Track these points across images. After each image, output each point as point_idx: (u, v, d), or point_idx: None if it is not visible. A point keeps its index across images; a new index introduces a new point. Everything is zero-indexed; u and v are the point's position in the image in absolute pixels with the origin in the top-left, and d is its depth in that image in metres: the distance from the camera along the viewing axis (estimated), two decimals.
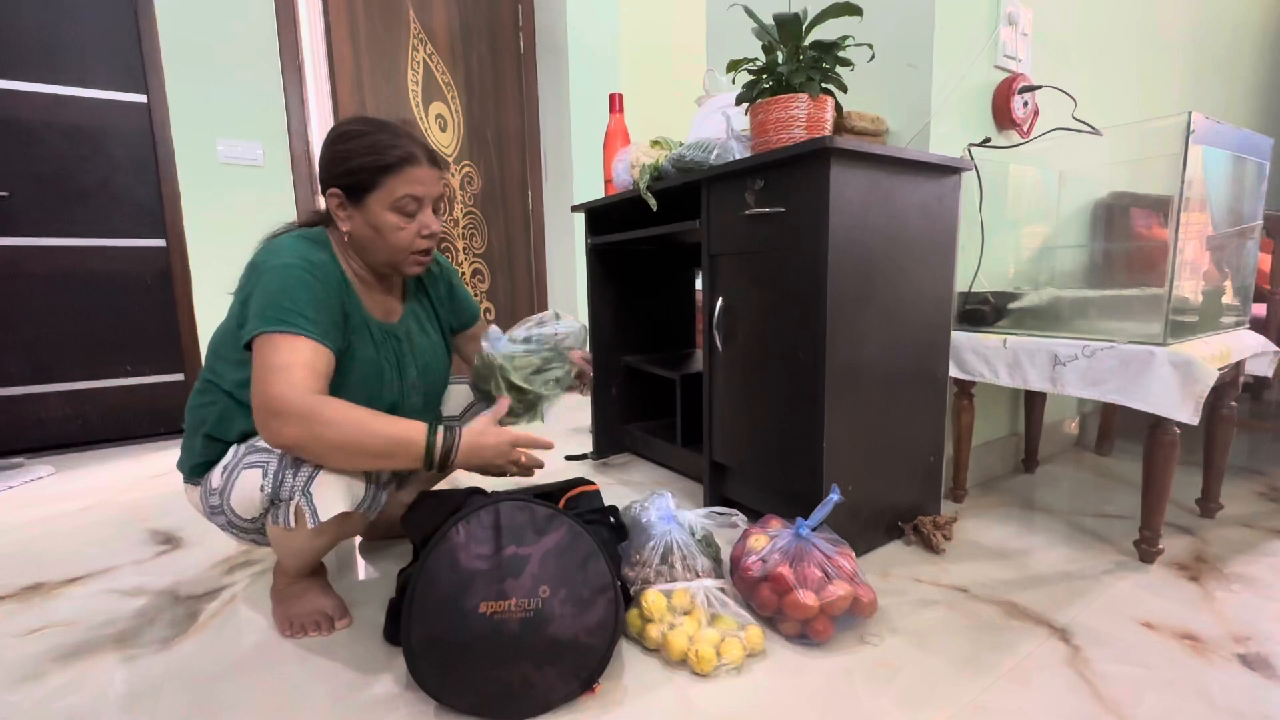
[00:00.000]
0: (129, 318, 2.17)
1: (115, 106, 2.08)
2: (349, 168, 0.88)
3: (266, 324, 0.80)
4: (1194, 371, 0.98)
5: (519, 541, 0.78)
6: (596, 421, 1.82)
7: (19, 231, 1.99)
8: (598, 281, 1.75)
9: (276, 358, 0.79)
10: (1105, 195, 1.43)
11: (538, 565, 0.76)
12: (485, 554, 0.76)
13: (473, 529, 0.78)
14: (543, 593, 0.74)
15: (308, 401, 0.78)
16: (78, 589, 1.11)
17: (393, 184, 0.88)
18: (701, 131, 1.42)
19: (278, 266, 0.83)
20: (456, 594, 0.73)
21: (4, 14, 1.92)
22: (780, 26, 1.08)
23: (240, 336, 0.84)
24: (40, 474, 1.81)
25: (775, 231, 1.09)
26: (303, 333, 0.81)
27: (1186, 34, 1.93)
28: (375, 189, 0.89)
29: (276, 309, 0.81)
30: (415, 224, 0.92)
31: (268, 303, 0.81)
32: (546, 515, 0.81)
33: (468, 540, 0.77)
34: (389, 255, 0.93)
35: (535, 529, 0.79)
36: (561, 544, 0.79)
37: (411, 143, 0.90)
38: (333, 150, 0.90)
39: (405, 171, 0.89)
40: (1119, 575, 1.07)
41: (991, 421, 1.57)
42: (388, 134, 0.89)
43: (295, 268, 0.84)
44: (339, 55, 2.09)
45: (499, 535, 0.78)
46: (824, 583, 0.87)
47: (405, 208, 0.90)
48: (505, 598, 0.74)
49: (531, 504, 0.81)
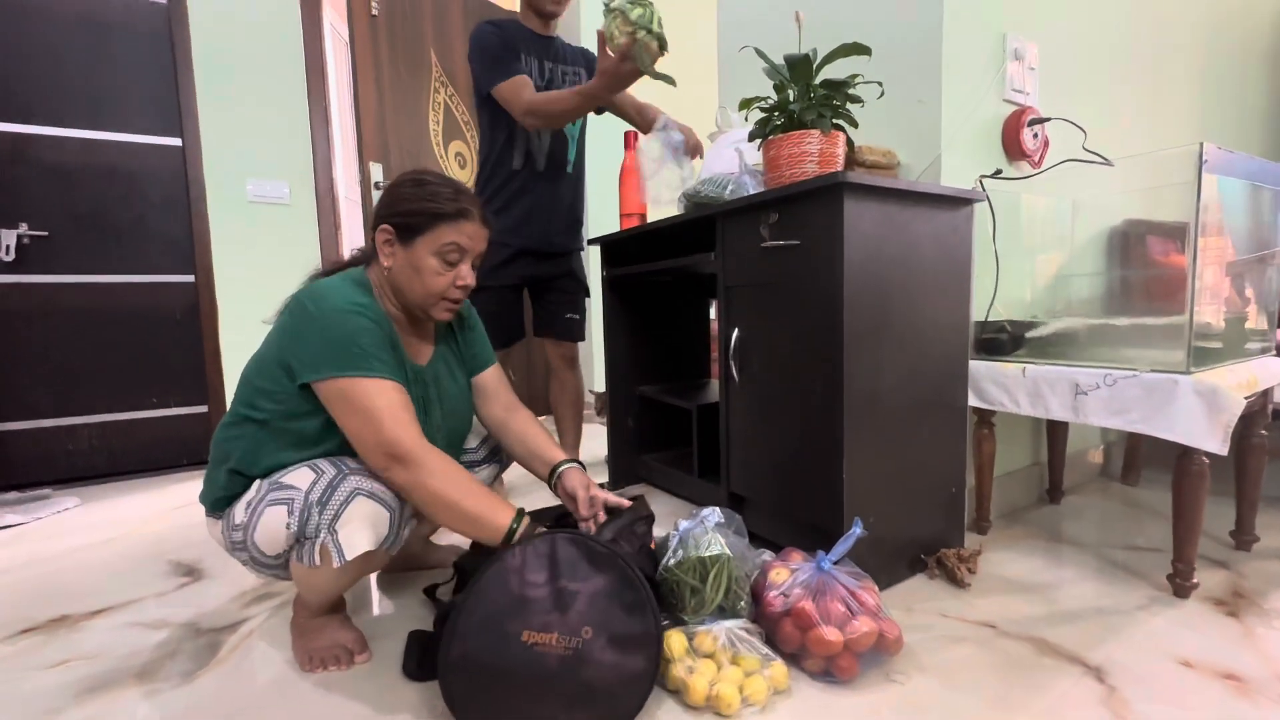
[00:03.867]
0: (157, 351, 2.23)
1: (151, 149, 2.18)
2: (408, 209, 0.93)
3: (343, 369, 0.84)
4: (1220, 400, 0.96)
5: (571, 576, 0.78)
6: (612, 452, 1.82)
7: (57, 269, 2.07)
8: (613, 313, 1.77)
9: (371, 400, 0.83)
10: (1120, 222, 1.43)
11: (585, 604, 0.77)
12: (538, 582, 0.77)
13: (528, 555, 0.79)
14: (585, 634, 0.75)
15: (420, 448, 0.84)
16: (102, 621, 1.12)
17: (443, 231, 0.93)
18: (715, 165, 1.45)
19: (335, 310, 0.86)
20: (502, 616, 0.74)
21: (56, 65, 2.04)
22: (791, 67, 1.11)
23: (296, 373, 0.86)
24: (66, 505, 1.84)
25: (790, 264, 1.11)
26: (382, 375, 0.85)
27: (1194, 63, 1.95)
28: (425, 232, 0.93)
29: (348, 354, 0.84)
30: (453, 273, 0.96)
31: (338, 348, 0.84)
32: (600, 554, 0.81)
33: (522, 565, 0.78)
34: (422, 298, 0.96)
35: (588, 564, 0.80)
36: (612, 587, 0.79)
37: (470, 201, 0.96)
38: (397, 191, 0.95)
39: (458, 223, 0.94)
40: (1153, 611, 1.04)
41: (1014, 451, 1.55)
42: (450, 189, 0.96)
43: (352, 313, 0.87)
44: (364, 97, 2.18)
45: (555, 566, 0.79)
46: (847, 618, 0.85)
47: (448, 256, 0.94)
48: (549, 630, 0.74)
49: (586, 539, 0.82)
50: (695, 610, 0.90)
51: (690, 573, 0.90)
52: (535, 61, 1.57)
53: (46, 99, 2.03)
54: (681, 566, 0.91)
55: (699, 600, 0.89)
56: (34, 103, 2.01)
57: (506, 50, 1.51)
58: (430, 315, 0.99)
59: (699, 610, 0.89)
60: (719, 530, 0.95)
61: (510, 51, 1.51)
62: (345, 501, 0.83)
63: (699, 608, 0.89)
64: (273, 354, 0.91)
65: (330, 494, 0.83)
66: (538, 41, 1.58)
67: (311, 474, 0.85)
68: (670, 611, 0.92)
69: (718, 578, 0.90)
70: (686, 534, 0.95)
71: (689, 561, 0.91)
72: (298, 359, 0.86)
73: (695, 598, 0.90)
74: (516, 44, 1.53)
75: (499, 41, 1.51)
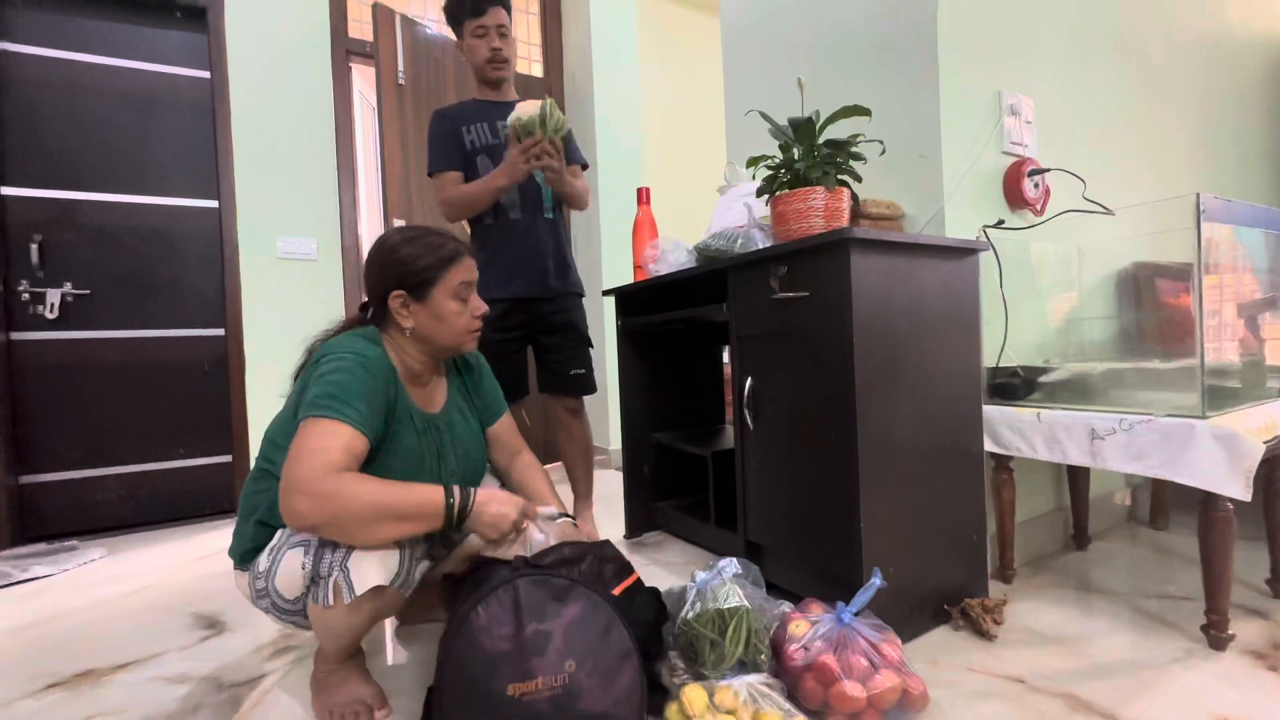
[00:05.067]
0: (185, 402, 2.30)
1: (190, 211, 2.31)
2: (415, 268, 0.99)
3: (314, 410, 0.87)
4: (1239, 445, 0.96)
5: (540, 617, 0.79)
6: (629, 499, 1.82)
7: (95, 325, 2.17)
8: (628, 361, 1.80)
9: (311, 441, 0.84)
10: (1129, 265, 1.45)
11: (561, 640, 0.77)
12: (507, 634, 0.77)
13: (493, 610, 0.79)
14: (569, 667, 0.75)
15: (329, 476, 0.81)
16: (126, 675, 1.13)
17: (452, 273, 1.01)
18: (724, 219, 1.51)
19: (332, 359, 0.92)
20: (484, 678, 0.74)
21: (105, 137, 2.19)
22: (795, 128, 1.17)
23: (295, 424, 0.90)
24: (93, 556, 1.87)
25: (801, 314, 1.14)
26: (345, 420, 0.87)
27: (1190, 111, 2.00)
28: (438, 282, 1.00)
29: (328, 397, 0.88)
30: (469, 307, 1.04)
31: (321, 392, 0.88)
32: (564, 586, 0.83)
33: (489, 622, 0.78)
34: (452, 339, 1.03)
35: (555, 600, 0.81)
36: (583, 614, 0.80)
37: (453, 239, 1.04)
38: (392, 258, 1.00)
39: (461, 261, 1.02)
40: (1189, 664, 1.00)
41: (1035, 496, 1.53)
42: (434, 235, 1.03)
43: (348, 360, 0.92)
44: (390, 159, 2.29)
45: (519, 613, 0.79)
46: (870, 673, 0.84)
47: (462, 294, 1.02)
48: (532, 677, 0.74)
49: (548, 577, 0.83)
50: (715, 664, 0.89)
51: (709, 626, 0.90)
52: (486, 125, 1.66)
53: (95, 168, 2.17)
54: (700, 620, 0.90)
55: (719, 654, 0.89)
56: (83, 172, 2.15)
57: (447, 141, 1.64)
58: (463, 350, 1.06)
59: (719, 664, 0.88)
60: (737, 581, 0.95)
61: (450, 140, 1.64)
62: None
63: (719, 662, 0.89)
64: (288, 411, 0.97)
65: None
66: (489, 107, 1.68)
67: None
68: (690, 666, 0.91)
69: (737, 630, 0.89)
70: (704, 586, 0.95)
71: (707, 614, 0.90)
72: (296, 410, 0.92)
73: (715, 651, 0.89)
74: (461, 126, 1.64)
75: (438, 131, 1.64)
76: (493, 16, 1.63)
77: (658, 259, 1.57)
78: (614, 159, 2.91)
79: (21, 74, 2.09)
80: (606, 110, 2.90)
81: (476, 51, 1.66)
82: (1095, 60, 1.67)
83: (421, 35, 2.39)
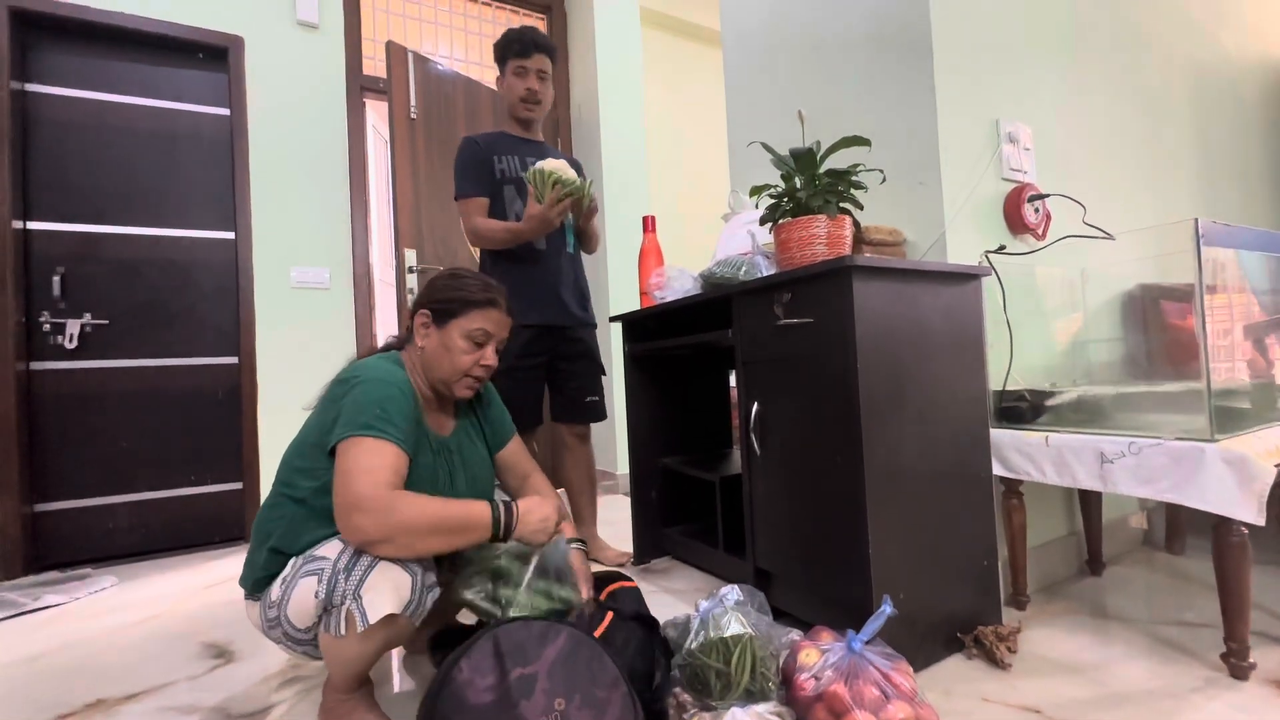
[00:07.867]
0: (198, 430, 2.33)
1: (207, 243, 2.37)
2: (446, 296, 1.07)
3: (356, 429, 0.90)
4: (1250, 469, 0.95)
5: (523, 661, 0.79)
6: (636, 525, 1.81)
7: (112, 355, 2.21)
8: (635, 386, 1.82)
9: (363, 460, 0.88)
10: (1134, 287, 1.46)
11: (546, 680, 0.78)
12: (491, 684, 0.77)
13: (475, 662, 0.79)
14: (558, 705, 0.76)
15: (386, 494, 0.87)
16: (135, 706, 1.13)
17: (474, 316, 1.06)
18: (728, 245, 1.53)
19: (371, 381, 0.97)
20: None
21: (129, 173, 2.26)
22: (797, 159, 1.20)
23: (326, 443, 0.93)
24: (104, 585, 1.88)
25: (805, 340, 1.15)
26: (389, 438, 0.91)
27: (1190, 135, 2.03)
28: (459, 316, 1.06)
29: (369, 416, 0.92)
30: (478, 354, 1.07)
31: (361, 411, 0.92)
32: (544, 627, 0.84)
33: (471, 676, 0.78)
34: (448, 373, 1.07)
35: (536, 642, 0.82)
36: (565, 650, 0.81)
37: (500, 295, 1.11)
38: (436, 282, 1.10)
39: (487, 310, 1.08)
40: (1210, 694, 0.98)
41: (1047, 520, 1.51)
42: (480, 282, 1.10)
43: (386, 383, 0.97)
44: (402, 190, 2.35)
45: (501, 661, 0.79)
46: (881, 703, 0.83)
47: (476, 337, 1.07)
48: None
49: (527, 621, 0.84)
50: (722, 693, 0.88)
51: (713, 655, 0.89)
52: (516, 159, 1.71)
53: (117, 201, 2.24)
54: (704, 649, 0.90)
55: (725, 683, 0.88)
56: (105, 205, 2.22)
57: (476, 167, 1.67)
58: (453, 391, 1.08)
59: (726, 694, 0.88)
60: (739, 608, 0.95)
61: (481, 167, 1.67)
62: (369, 568, 0.87)
63: (725, 691, 0.88)
64: (311, 434, 0.99)
65: (355, 561, 0.88)
66: (519, 143, 1.74)
67: (340, 544, 0.90)
68: (698, 698, 0.91)
69: (741, 658, 0.89)
70: (707, 615, 0.95)
71: (710, 643, 0.90)
72: (331, 426, 0.94)
73: (720, 680, 0.88)
74: (492, 154, 1.69)
75: (470, 157, 1.68)
76: (536, 61, 1.71)
77: (664, 286, 1.59)
78: (620, 188, 2.97)
79: (50, 114, 2.17)
80: (612, 141, 2.97)
81: (513, 89, 1.72)
82: (1093, 85, 1.70)
83: (433, 71, 2.47)
